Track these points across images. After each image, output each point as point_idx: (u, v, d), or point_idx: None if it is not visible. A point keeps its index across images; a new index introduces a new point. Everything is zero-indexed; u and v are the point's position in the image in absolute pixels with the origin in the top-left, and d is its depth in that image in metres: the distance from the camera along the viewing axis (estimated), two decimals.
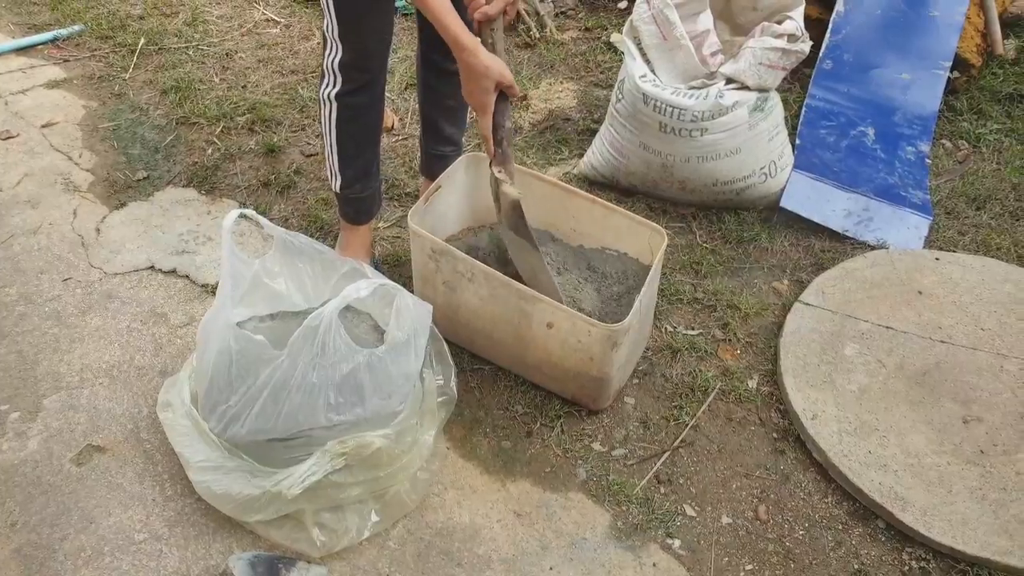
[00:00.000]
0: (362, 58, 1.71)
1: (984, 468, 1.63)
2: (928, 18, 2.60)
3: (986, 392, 1.77)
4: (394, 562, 1.51)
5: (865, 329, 1.90)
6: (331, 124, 1.80)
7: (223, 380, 1.48)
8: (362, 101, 1.78)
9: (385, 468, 1.53)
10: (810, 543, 1.57)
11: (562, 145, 2.52)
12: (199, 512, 1.55)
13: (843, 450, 1.66)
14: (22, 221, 2.20)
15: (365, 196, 1.94)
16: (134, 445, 1.67)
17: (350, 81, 1.73)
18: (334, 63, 1.71)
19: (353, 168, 1.88)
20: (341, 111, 1.77)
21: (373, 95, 1.80)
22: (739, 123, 2.08)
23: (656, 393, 1.83)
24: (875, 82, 2.54)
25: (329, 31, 1.68)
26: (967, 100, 2.65)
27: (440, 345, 1.72)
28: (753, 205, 2.26)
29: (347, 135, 1.82)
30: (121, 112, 2.62)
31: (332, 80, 1.74)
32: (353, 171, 1.88)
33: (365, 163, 1.90)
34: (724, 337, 1.95)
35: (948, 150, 2.53)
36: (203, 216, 2.24)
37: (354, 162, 1.87)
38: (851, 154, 2.40)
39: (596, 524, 1.59)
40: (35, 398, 1.76)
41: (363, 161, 1.89)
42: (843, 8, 2.63)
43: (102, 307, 1.96)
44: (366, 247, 2.03)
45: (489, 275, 1.67)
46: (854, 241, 2.18)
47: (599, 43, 3.00)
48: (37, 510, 1.56)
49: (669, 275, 2.08)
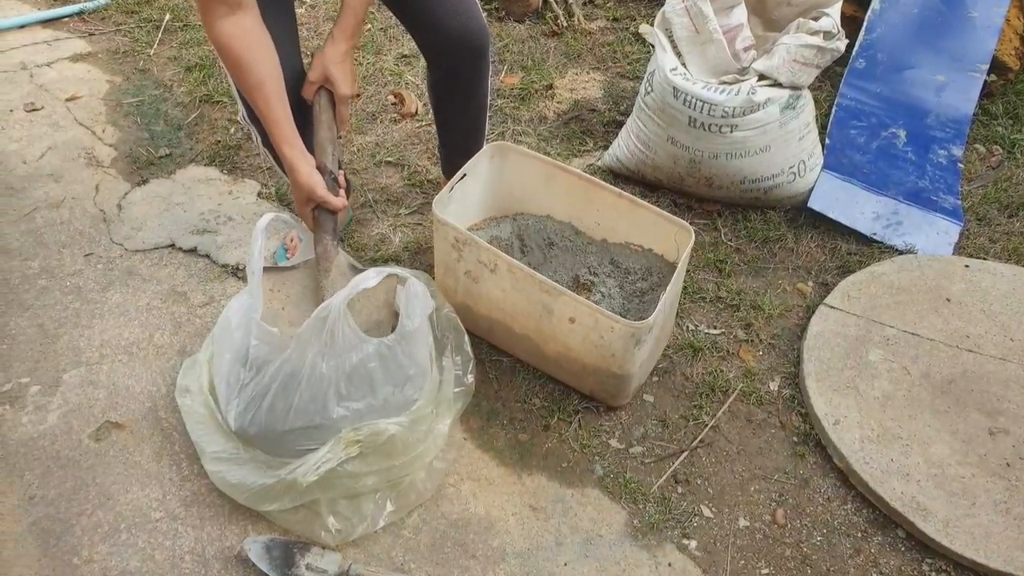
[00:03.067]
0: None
1: (1010, 481, 1.61)
2: (966, 19, 2.54)
3: (1014, 404, 1.74)
4: (408, 551, 1.51)
5: (891, 335, 1.87)
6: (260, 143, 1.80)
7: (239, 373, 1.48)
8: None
9: (400, 457, 1.52)
10: (828, 549, 1.56)
11: (587, 136, 2.50)
12: (215, 493, 1.55)
13: (865, 457, 1.64)
14: (45, 194, 2.20)
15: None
16: (152, 423, 1.67)
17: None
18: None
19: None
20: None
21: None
22: (770, 120, 2.05)
23: (676, 392, 1.81)
24: (908, 83, 2.49)
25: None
26: (1003, 104, 2.60)
27: (460, 336, 1.71)
28: (780, 204, 2.23)
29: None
30: (145, 88, 2.61)
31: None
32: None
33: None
34: (746, 338, 1.93)
35: (981, 155, 2.48)
36: (224, 196, 2.23)
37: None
38: (881, 156, 2.35)
39: (612, 521, 1.58)
40: (55, 372, 1.76)
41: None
42: (879, 6, 2.57)
43: (123, 283, 1.96)
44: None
45: (512, 266, 1.65)
46: (882, 245, 2.15)
47: (627, 34, 2.96)
48: (55, 484, 1.57)
49: (692, 273, 2.06)
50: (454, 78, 1.83)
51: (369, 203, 2.22)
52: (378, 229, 2.15)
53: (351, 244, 2.08)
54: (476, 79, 1.85)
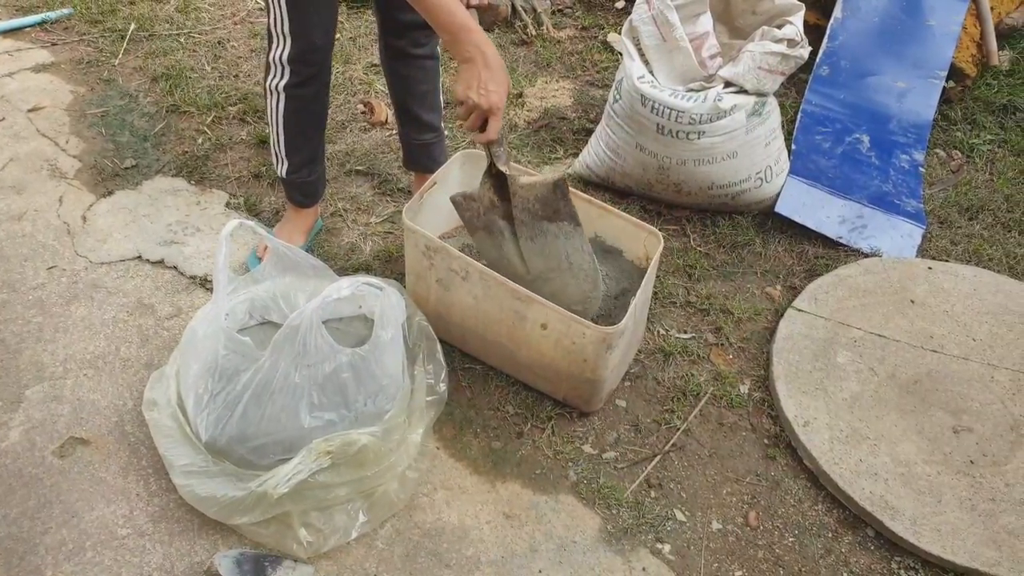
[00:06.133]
0: (309, 52, 1.73)
1: (974, 478, 1.64)
2: (925, 27, 2.60)
3: (976, 402, 1.78)
4: (382, 562, 1.49)
5: (857, 336, 1.91)
6: (278, 114, 1.83)
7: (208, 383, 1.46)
8: (309, 92, 1.81)
9: (372, 467, 1.51)
10: (800, 550, 1.57)
11: (557, 144, 2.51)
12: (184, 508, 1.53)
13: (834, 458, 1.66)
14: (6, 207, 2.15)
15: (312, 180, 1.97)
16: (118, 438, 1.64)
17: (297, 74, 1.75)
18: (281, 57, 1.73)
19: (300, 155, 1.91)
20: (289, 102, 1.80)
21: (319, 85, 1.82)
22: (736, 127, 2.08)
23: (648, 396, 1.82)
24: (871, 89, 2.55)
25: (276, 26, 1.69)
26: (961, 110, 2.66)
27: (433, 344, 1.70)
28: (748, 209, 2.26)
29: (294, 124, 1.85)
30: (110, 98, 2.57)
31: (279, 72, 1.76)
32: (300, 158, 1.91)
33: (312, 150, 1.93)
34: (717, 341, 1.95)
35: (942, 159, 2.54)
36: (192, 207, 2.20)
37: (302, 149, 1.91)
38: (846, 161, 2.40)
39: (586, 527, 1.58)
40: (17, 388, 1.72)
41: (310, 148, 1.93)
42: (841, 15, 2.63)
43: (87, 297, 1.93)
44: (307, 228, 2.06)
45: (484, 274, 1.65)
46: (848, 248, 2.19)
47: (596, 42, 2.99)
48: (18, 502, 1.53)
49: (663, 278, 2.07)
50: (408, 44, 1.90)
51: (339, 212, 2.20)
52: (348, 238, 2.14)
53: (322, 254, 2.07)
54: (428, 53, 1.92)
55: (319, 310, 1.40)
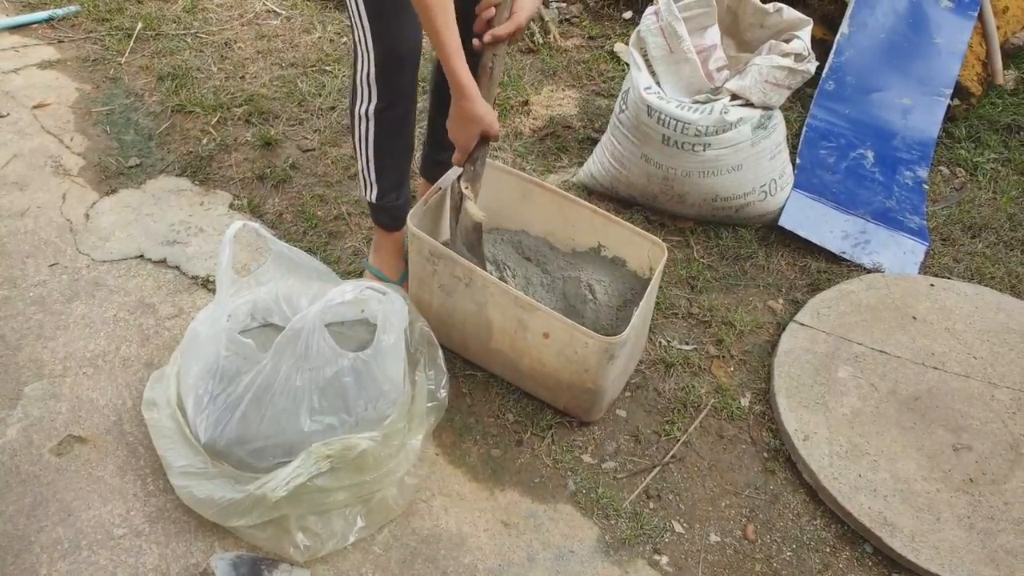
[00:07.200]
0: (394, 64, 1.66)
1: (973, 496, 1.63)
2: (931, 44, 2.61)
3: (977, 420, 1.78)
4: (378, 568, 1.49)
5: (859, 352, 1.90)
6: (368, 141, 1.77)
7: (208, 384, 1.45)
8: (398, 115, 1.75)
9: (371, 472, 1.51)
10: (797, 564, 1.57)
11: (562, 153, 2.51)
12: (180, 509, 1.52)
13: (833, 473, 1.65)
14: (9, 203, 2.15)
15: (400, 203, 1.91)
16: (116, 437, 1.63)
17: (384, 97, 1.69)
18: (368, 77, 1.67)
19: (389, 179, 1.85)
20: (379, 127, 1.74)
21: (407, 104, 1.76)
22: (742, 140, 2.08)
23: (648, 407, 1.82)
24: (876, 105, 2.55)
25: (360, 41, 1.64)
26: (966, 128, 2.67)
27: (434, 350, 1.70)
28: (751, 222, 2.26)
29: (385, 150, 1.79)
30: (115, 97, 2.57)
31: (367, 95, 1.70)
32: (389, 182, 1.86)
33: (400, 173, 1.87)
34: (718, 353, 1.94)
35: (945, 177, 2.54)
36: (195, 207, 2.20)
37: (391, 173, 1.85)
38: (850, 176, 2.40)
39: (584, 537, 1.57)
40: (16, 385, 1.71)
41: (399, 171, 1.87)
42: (848, 30, 2.64)
43: (88, 295, 1.92)
44: (400, 251, 2.00)
45: (487, 281, 1.65)
46: (850, 263, 2.19)
47: (602, 52, 2.99)
48: (14, 500, 1.52)
49: (665, 289, 2.07)
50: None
51: (343, 216, 2.20)
52: (351, 242, 2.13)
53: (325, 258, 2.07)
54: None
55: (322, 313, 1.40)
